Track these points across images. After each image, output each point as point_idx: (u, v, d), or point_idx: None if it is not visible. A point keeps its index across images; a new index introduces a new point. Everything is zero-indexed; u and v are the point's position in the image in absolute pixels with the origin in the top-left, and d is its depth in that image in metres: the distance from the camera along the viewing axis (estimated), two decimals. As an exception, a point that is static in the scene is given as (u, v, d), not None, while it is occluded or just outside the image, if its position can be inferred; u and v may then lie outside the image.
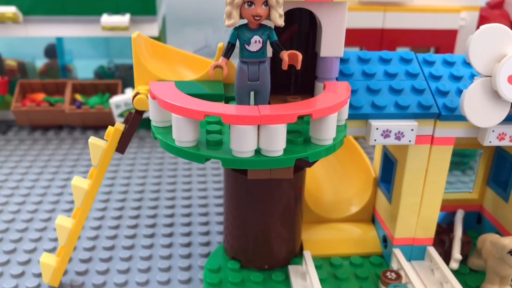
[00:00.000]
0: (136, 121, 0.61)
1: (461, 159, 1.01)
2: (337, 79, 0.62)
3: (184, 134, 0.49)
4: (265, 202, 0.65)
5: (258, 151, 0.50)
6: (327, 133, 0.51)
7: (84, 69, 1.31)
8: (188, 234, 0.79)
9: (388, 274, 0.64)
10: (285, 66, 0.50)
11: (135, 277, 0.69)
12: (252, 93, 0.54)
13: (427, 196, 0.65)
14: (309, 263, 0.64)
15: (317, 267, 0.68)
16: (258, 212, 0.65)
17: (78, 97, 1.16)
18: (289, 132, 0.54)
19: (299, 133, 0.54)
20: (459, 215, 0.76)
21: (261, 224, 0.66)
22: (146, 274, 0.70)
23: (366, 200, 0.75)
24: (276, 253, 0.68)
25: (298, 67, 0.51)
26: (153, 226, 0.81)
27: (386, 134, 0.59)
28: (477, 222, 0.79)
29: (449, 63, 0.66)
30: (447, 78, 0.64)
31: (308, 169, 0.78)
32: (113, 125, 0.63)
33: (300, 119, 0.56)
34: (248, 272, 0.67)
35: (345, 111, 0.56)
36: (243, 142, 0.47)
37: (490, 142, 0.61)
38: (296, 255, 0.70)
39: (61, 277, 0.67)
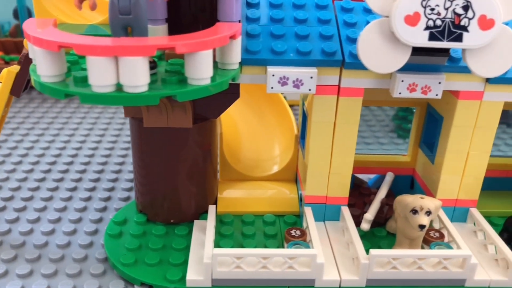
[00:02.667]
0: (28, 63, 0.58)
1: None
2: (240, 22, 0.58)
3: (44, 67, 0.47)
4: (171, 159, 0.63)
5: (121, 87, 0.47)
6: (199, 71, 0.47)
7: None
8: (111, 189, 0.78)
9: (292, 231, 0.61)
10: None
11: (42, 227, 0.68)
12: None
13: (337, 153, 0.62)
14: (210, 218, 0.62)
15: (227, 223, 0.66)
16: (163, 168, 0.63)
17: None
18: (168, 71, 0.51)
19: (178, 73, 0.51)
20: (388, 178, 0.72)
21: (167, 180, 0.64)
22: (54, 224, 0.68)
23: (289, 159, 0.72)
24: (184, 208, 0.65)
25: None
26: (79, 180, 0.80)
27: (283, 81, 0.56)
28: (410, 186, 0.75)
29: (368, 11, 0.61)
30: (362, 25, 0.60)
31: (230, 127, 0.75)
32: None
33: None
34: (152, 226, 0.65)
35: (233, 53, 0.53)
36: (99, 75, 0.44)
37: (400, 93, 0.56)
38: (207, 211, 0.67)
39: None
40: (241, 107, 0.75)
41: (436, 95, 0.57)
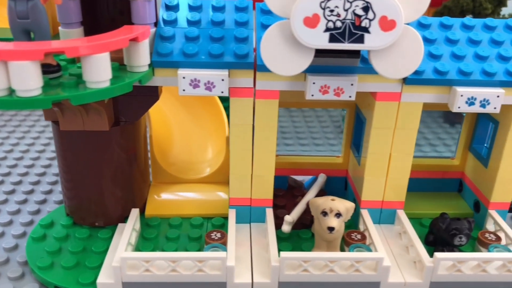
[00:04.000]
0: None
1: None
2: (156, 25, 0.58)
3: None
4: (93, 163, 0.62)
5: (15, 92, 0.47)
6: (95, 74, 0.47)
7: None
8: (49, 192, 0.78)
9: (212, 234, 0.61)
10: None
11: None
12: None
13: (258, 154, 0.61)
14: (129, 222, 0.62)
15: (153, 226, 0.66)
16: (87, 172, 0.63)
17: None
18: (71, 75, 0.51)
19: (79, 77, 0.50)
20: (319, 179, 0.71)
21: (91, 184, 0.64)
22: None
23: (221, 161, 0.71)
24: (109, 211, 0.65)
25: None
26: (18, 183, 0.80)
27: (195, 83, 0.55)
28: (344, 188, 0.74)
29: (289, 13, 0.61)
30: (280, 27, 0.59)
31: (163, 129, 0.75)
32: None
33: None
34: (77, 229, 0.65)
35: (140, 55, 0.53)
36: (-13, 80, 0.45)
37: (312, 95, 0.56)
38: (136, 215, 0.67)
39: None
40: (177, 109, 0.74)
41: (350, 96, 0.56)
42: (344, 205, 0.55)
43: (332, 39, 0.50)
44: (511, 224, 0.71)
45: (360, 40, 0.50)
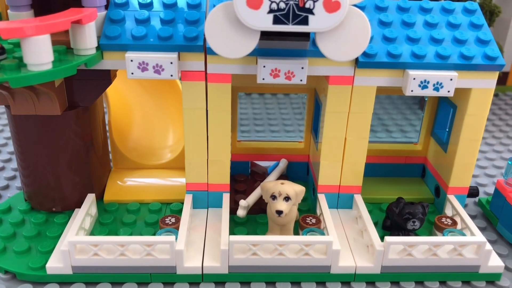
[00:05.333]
0: None
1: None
2: (106, 8, 0.58)
3: None
4: (49, 148, 0.62)
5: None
6: (34, 57, 0.47)
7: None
8: (12, 178, 0.77)
9: (167, 219, 0.61)
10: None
11: None
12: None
13: (213, 139, 0.61)
14: (83, 207, 0.61)
15: (110, 212, 0.66)
16: (43, 157, 0.62)
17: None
18: (16, 58, 0.50)
19: (21, 60, 0.50)
20: (281, 165, 0.71)
21: (47, 170, 0.63)
22: None
23: (183, 146, 0.71)
24: (66, 197, 0.65)
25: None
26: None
27: (143, 67, 0.55)
28: (307, 173, 0.74)
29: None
30: (234, 10, 0.59)
31: (125, 115, 0.74)
32: None
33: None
34: (34, 214, 0.65)
35: (85, 38, 0.52)
36: None
37: (263, 79, 0.56)
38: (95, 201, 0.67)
39: None
40: (139, 94, 0.74)
41: (301, 80, 0.56)
42: (293, 189, 0.55)
43: (276, 21, 0.49)
44: (474, 209, 0.72)
45: (305, 21, 0.49)
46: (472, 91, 0.59)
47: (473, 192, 0.69)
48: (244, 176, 0.72)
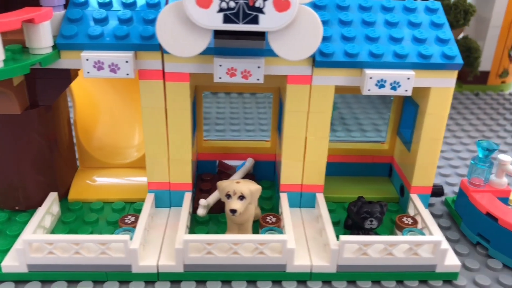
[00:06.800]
0: None
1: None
2: (65, 7, 0.58)
3: None
4: (11, 147, 0.62)
5: None
6: (-17, 56, 0.47)
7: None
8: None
9: (126, 218, 0.61)
10: None
11: None
12: None
13: (173, 138, 0.61)
14: (43, 205, 0.61)
15: (73, 210, 0.66)
16: (5, 156, 0.62)
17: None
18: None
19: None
20: (247, 164, 0.71)
21: (10, 169, 0.63)
22: None
23: (148, 145, 0.71)
24: (30, 195, 0.65)
25: None
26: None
27: (99, 66, 0.55)
28: (274, 172, 0.74)
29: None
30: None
31: (91, 114, 0.74)
32: None
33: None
34: (-3, 213, 0.65)
35: (39, 37, 0.52)
36: None
37: (220, 78, 0.56)
38: (60, 200, 0.67)
39: None
40: (106, 93, 0.74)
41: (258, 79, 0.56)
42: (248, 188, 0.55)
43: (226, 19, 0.49)
44: (441, 209, 0.72)
45: (255, 21, 0.49)
46: (432, 90, 0.60)
47: (437, 191, 0.69)
48: (211, 175, 0.72)
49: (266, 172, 0.73)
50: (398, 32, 0.59)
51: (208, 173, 0.73)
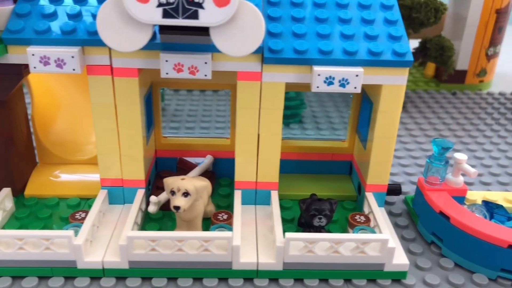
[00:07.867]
0: None
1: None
2: (14, 2, 0.58)
3: None
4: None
5: None
6: None
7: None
8: None
9: (77, 215, 0.61)
10: None
11: None
12: None
13: (124, 134, 0.61)
14: (-3, 200, 0.62)
15: (28, 206, 0.66)
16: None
17: None
18: None
19: None
20: (206, 161, 0.71)
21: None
22: None
23: (107, 141, 0.71)
24: (-13, 192, 0.65)
25: None
26: None
27: (45, 61, 0.55)
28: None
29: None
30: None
31: (51, 110, 0.74)
32: None
33: None
34: (-48, 208, 0.65)
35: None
36: None
37: (167, 73, 0.55)
38: (16, 195, 0.67)
39: None
40: (66, 89, 0.74)
41: (205, 75, 0.56)
42: (193, 184, 0.55)
43: (166, 14, 0.49)
44: (401, 207, 0.71)
45: (195, 16, 0.49)
46: (383, 88, 0.59)
47: (394, 189, 0.69)
48: (170, 172, 0.72)
49: (226, 170, 0.73)
50: (350, 29, 0.59)
51: (167, 170, 0.72)
